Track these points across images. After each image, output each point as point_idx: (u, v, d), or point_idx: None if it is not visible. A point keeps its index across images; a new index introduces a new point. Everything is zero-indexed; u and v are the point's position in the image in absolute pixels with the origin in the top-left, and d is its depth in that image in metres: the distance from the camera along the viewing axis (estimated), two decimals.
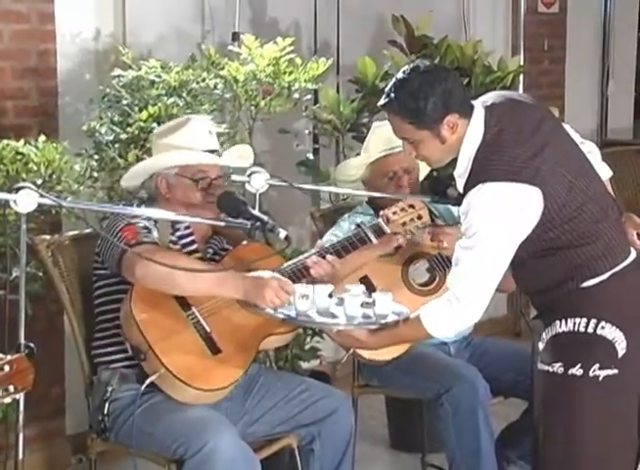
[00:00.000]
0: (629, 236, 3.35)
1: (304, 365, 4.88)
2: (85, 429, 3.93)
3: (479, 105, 3.20)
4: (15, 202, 3.26)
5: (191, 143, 3.69)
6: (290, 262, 3.66)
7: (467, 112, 3.17)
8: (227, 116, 4.67)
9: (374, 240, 3.70)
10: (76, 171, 4.04)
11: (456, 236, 3.42)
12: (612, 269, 3.14)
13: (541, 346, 3.23)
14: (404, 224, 3.70)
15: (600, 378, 3.11)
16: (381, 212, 3.73)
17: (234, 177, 3.99)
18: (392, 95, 3.18)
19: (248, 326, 3.56)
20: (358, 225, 3.74)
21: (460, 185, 3.19)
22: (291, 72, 4.63)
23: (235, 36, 5.04)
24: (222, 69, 4.64)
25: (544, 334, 3.22)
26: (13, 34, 4.50)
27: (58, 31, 4.66)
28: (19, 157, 3.95)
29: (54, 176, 3.97)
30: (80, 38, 4.84)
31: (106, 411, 3.54)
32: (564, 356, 3.15)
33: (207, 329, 3.52)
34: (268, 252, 3.60)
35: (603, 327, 3.12)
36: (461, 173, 3.18)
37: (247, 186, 3.92)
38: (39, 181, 3.87)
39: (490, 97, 3.27)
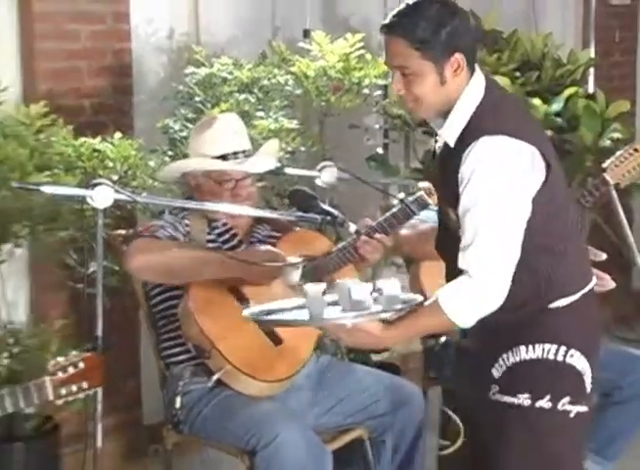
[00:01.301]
0: None
1: (375, 357, 4.89)
2: (161, 420, 3.99)
3: (480, 70, 2.86)
4: (92, 198, 3.33)
5: (212, 146, 3.72)
6: (339, 245, 3.67)
7: (472, 63, 2.82)
8: (298, 111, 4.69)
9: (418, 213, 3.66)
10: (151, 167, 4.09)
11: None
12: (579, 291, 2.87)
13: (497, 373, 2.86)
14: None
15: (571, 414, 2.83)
16: (420, 185, 3.70)
17: (304, 172, 4.02)
18: (403, 16, 2.76)
19: None
20: (401, 200, 3.67)
21: (451, 140, 2.81)
22: (361, 68, 4.65)
23: (306, 33, 5.05)
24: (293, 65, 4.68)
25: (502, 359, 2.85)
26: (89, 34, 4.56)
27: (133, 31, 4.72)
28: (95, 154, 4.02)
29: (129, 172, 4.03)
30: (155, 37, 4.90)
31: (178, 405, 3.59)
32: (531, 387, 2.82)
33: None
34: (318, 237, 3.62)
35: (572, 355, 2.83)
36: (452, 127, 2.80)
37: (317, 181, 3.94)
38: (115, 177, 3.93)
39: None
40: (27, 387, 2.87)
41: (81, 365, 2.93)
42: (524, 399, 2.81)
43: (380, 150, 5.37)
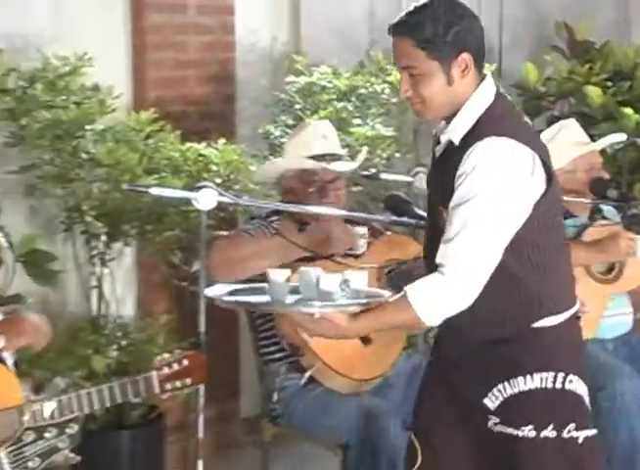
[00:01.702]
0: None
1: None
2: (258, 412, 4.01)
3: (490, 76, 2.72)
4: (197, 200, 3.35)
5: (302, 148, 3.72)
6: None
7: (480, 64, 2.68)
8: (393, 119, 4.68)
9: None
10: (252, 172, 4.11)
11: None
12: (565, 311, 2.71)
13: (491, 403, 2.69)
14: None
15: (579, 440, 2.66)
16: None
17: (399, 178, 4.01)
18: (410, 16, 2.64)
19: None
20: None
21: (456, 138, 2.66)
22: None
23: None
24: (389, 74, 4.67)
25: (497, 390, 2.67)
26: (197, 45, 4.62)
27: (237, 42, 4.75)
28: (200, 158, 4.07)
29: (232, 176, 4.07)
30: (258, 47, 4.95)
31: (275, 400, 3.61)
32: (533, 418, 2.65)
33: None
34: (410, 242, 3.62)
35: (571, 381, 2.68)
36: (459, 126, 2.66)
37: (412, 185, 3.92)
38: (218, 181, 3.96)
39: None
40: (136, 380, 2.91)
41: (185, 363, 2.97)
42: (528, 431, 2.64)
43: None
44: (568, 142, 4.05)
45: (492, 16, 5.61)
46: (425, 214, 3.44)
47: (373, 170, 4.09)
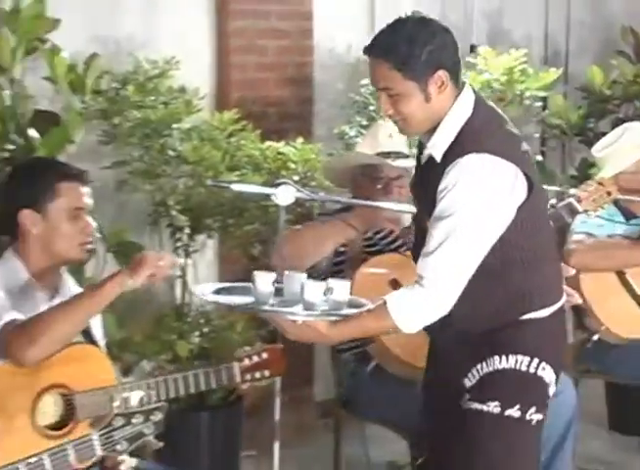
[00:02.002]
0: None
1: None
2: (331, 397, 4.04)
3: (469, 87, 2.68)
4: (275, 196, 3.38)
5: (368, 145, 3.73)
6: None
7: (457, 77, 2.63)
8: None
9: (568, 219, 3.58)
10: (325, 167, 4.12)
11: None
12: (549, 306, 2.72)
13: (469, 382, 2.72)
14: (595, 201, 3.57)
15: (533, 422, 2.69)
16: (571, 191, 3.62)
17: None
18: (384, 38, 2.59)
19: None
20: (552, 206, 3.55)
21: (437, 154, 2.63)
22: (523, 81, 4.61)
23: (472, 48, 5.04)
24: None
25: (475, 370, 2.70)
26: (276, 49, 4.66)
27: (315, 46, 4.78)
28: (279, 156, 4.10)
29: (309, 173, 4.09)
30: (335, 52, 4.97)
31: (346, 386, 3.64)
32: (501, 395, 2.66)
33: None
34: None
35: (544, 368, 2.69)
36: (440, 142, 2.62)
37: None
38: (296, 178, 3.99)
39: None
40: (219, 369, 2.96)
41: (265, 356, 3.01)
42: (493, 407, 2.66)
43: (539, 157, 5.30)
44: (631, 144, 4.02)
45: (560, 21, 5.58)
46: None
47: None
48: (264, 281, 2.63)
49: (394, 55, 2.55)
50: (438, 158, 2.63)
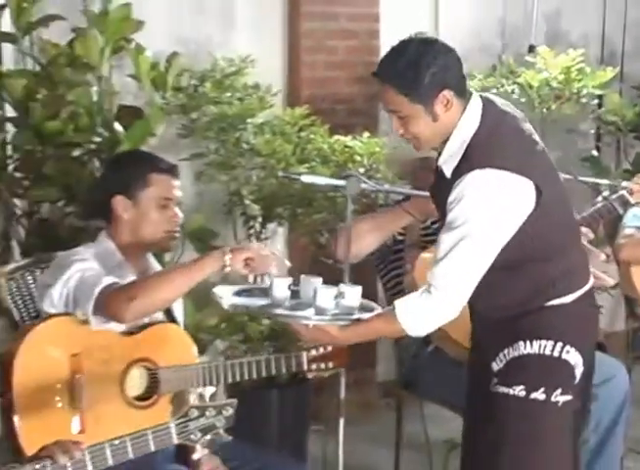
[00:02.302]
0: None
1: None
2: (392, 378, 4.06)
3: (477, 95, 2.66)
4: (343, 187, 3.42)
5: None
6: None
7: (463, 93, 2.61)
8: None
9: (620, 211, 3.56)
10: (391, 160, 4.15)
11: None
12: (574, 292, 2.69)
13: (496, 366, 2.71)
14: None
15: (559, 404, 2.66)
16: (623, 184, 3.58)
17: None
18: (389, 64, 2.60)
19: None
20: (605, 198, 3.56)
21: (447, 171, 2.65)
22: (580, 80, 4.57)
23: (531, 48, 5.00)
24: (519, 76, 4.65)
25: (502, 354, 2.70)
26: (346, 49, 4.69)
27: (382, 46, 4.78)
28: (347, 149, 4.10)
29: (374, 166, 4.10)
30: None
31: (407, 367, 3.66)
32: (526, 379, 2.65)
33: None
34: None
35: (568, 351, 2.66)
36: (450, 158, 2.64)
37: None
38: (362, 170, 4.00)
39: (489, 95, 2.77)
40: (289, 357, 2.99)
41: (330, 348, 3.03)
42: (519, 391, 2.65)
43: (594, 152, 5.27)
44: None
45: (617, 22, 5.51)
46: None
47: None
48: (280, 286, 2.66)
49: (399, 80, 2.55)
50: (448, 174, 2.64)
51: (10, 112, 3.83)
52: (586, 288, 2.74)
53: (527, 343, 2.67)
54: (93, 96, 3.73)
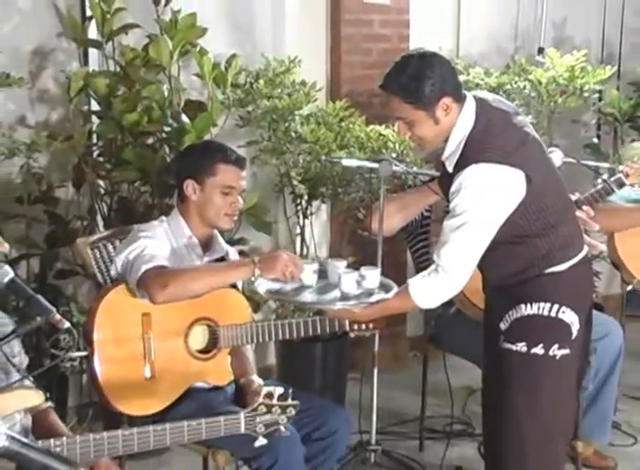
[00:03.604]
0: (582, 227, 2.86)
1: None
2: (420, 333, 4.01)
3: (470, 96, 2.62)
4: (377, 169, 3.37)
5: None
6: None
7: (459, 97, 2.58)
8: (532, 109, 4.57)
9: (617, 190, 3.42)
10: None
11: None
12: (570, 260, 2.64)
13: (503, 326, 2.68)
14: None
15: (557, 357, 2.62)
16: (620, 167, 3.46)
17: None
18: (394, 77, 2.57)
19: None
20: (604, 180, 3.44)
21: (450, 166, 2.63)
22: (583, 77, 4.48)
23: (540, 50, 4.92)
24: (530, 74, 4.56)
25: (507, 315, 2.67)
26: (380, 51, 4.60)
27: (411, 48, 4.70)
28: (381, 137, 4.04)
29: (404, 151, 4.02)
30: None
31: (433, 325, 3.60)
32: (527, 337, 2.63)
33: None
34: None
35: (564, 311, 2.62)
36: (450, 155, 2.61)
37: None
38: (394, 155, 3.93)
39: (481, 93, 2.73)
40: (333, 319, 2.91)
41: None
42: (521, 347, 2.63)
43: (595, 140, 5.17)
44: None
45: (615, 27, 5.41)
46: None
47: None
48: (308, 272, 2.67)
49: (404, 91, 2.53)
50: (450, 169, 2.62)
51: (95, 106, 3.84)
52: (580, 256, 2.69)
53: (528, 305, 2.63)
54: (164, 92, 3.72)
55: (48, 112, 3.90)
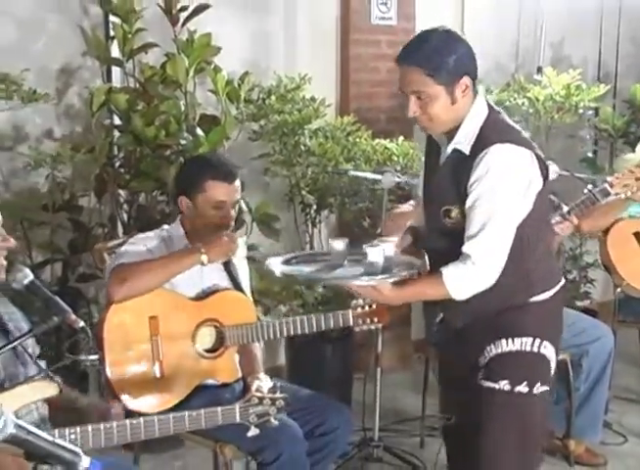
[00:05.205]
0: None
1: (578, 303, 4.66)
2: (423, 337, 3.94)
3: (481, 93, 2.38)
4: (381, 181, 3.34)
5: None
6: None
7: (475, 84, 2.33)
8: (530, 125, 4.53)
9: (602, 201, 3.30)
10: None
11: None
12: (553, 288, 2.41)
13: (482, 361, 2.41)
14: (626, 186, 3.25)
15: (539, 394, 2.40)
16: (608, 178, 3.32)
17: None
18: (415, 48, 2.28)
19: None
20: (590, 191, 3.32)
21: (465, 148, 2.31)
22: (578, 94, 4.44)
23: (539, 69, 4.88)
24: (528, 92, 4.52)
25: (486, 350, 2.39)
26: (386, 69, 4.51)
27: None
28: (386, 150, 4.03)
29: (408, 164, 4.01)
30: None
31: (435, 329, 3.54)
32: (511, 375, 2.37)
33: None
34: None
35: (545, 347, 2.38)
36: (465, 138, 2.31)
37: None
38: (398, 167, 3.92)
39: None
40: (337, 315, 2.86)
41: (374, 306, 2.91)
42: (504, 385, 2.37)
43: (590, 154, 5.11)
44: None
45: (611, 48, 5.37)
46: (550, 196, 3.34)
47: None
48: (338, 248, 2.42)
49: (427, 62, 2.24)
50: (467, 151, 2.30)
51: (116, 120, 3.83)
52: (561, 283, 2.47)
53: (510, 340, 2.38)
54: (180, 107, 3.70)
55: (72, 125, 3.89)
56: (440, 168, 2.41)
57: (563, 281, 2.48)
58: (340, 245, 2.41)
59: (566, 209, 3.27)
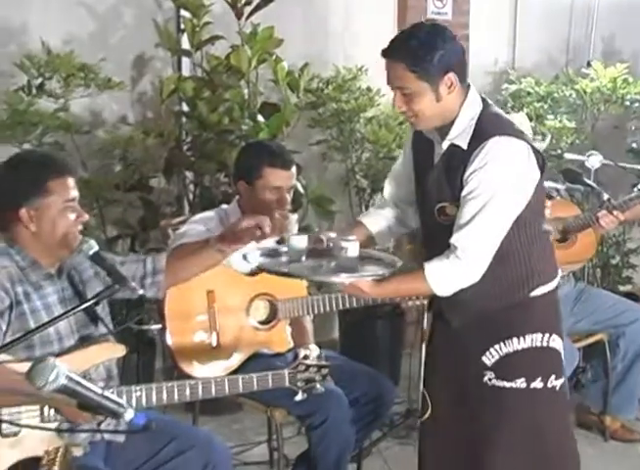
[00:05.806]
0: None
1: (620, 288, 4.62)
2: None
3: (473, 87, 2.23)
4: None
5: None
6: (583, 215, 3.29)
7: (464, 79, 2.18)
8: (577, 116, 4.50)
9: None
10: None
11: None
12: (553, 280, 2.29)
13: (488, 360, 2.28)
14: None
15: (557, 388, 2.29)
16: None
17: (578, 157, 3.81)
18: (401, 43, 2.13)
19: None
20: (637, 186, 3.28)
21: (463, 142, 2.17)
22: (625, 87, 4.40)
23: (588, 63, 4.82)
24: (577, 84, 4.49)
25: (494, 349, 2.27)
26: None
27: (470, 60, 4.66)
28: None
29: None
30: (484, 65, 4.84)
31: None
32: (525, 372, 2.26)
33: None
34: (570, 205, 3.45)
35: (554, 340, 2.28)
36: (461, 132, 2.17)
37: (585, 163, 3.73)
38: None
39: None
40: None
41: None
42: (520, 383, 2.26)
43: (635, 145, 5.03)
44: None
45: None
46: (592, 184, 3.33)
47: (559, 151, 3.96)
48: (299, 241, 2.27)
49: (410, 58, 2.11)
50: (464, 145, 2.17)
51: (184, 107, 3.93)
52: (558, 278, 2.35)
53: (521, 338, 2.26)
54: (243, 95, 3.77)
55: (144, 111, 4.02)
56: (435, 165, 2.27)
57: (560, 273, 2.38)
58: (300, 242, 2.27)
59: (606, 197, 3.22)
